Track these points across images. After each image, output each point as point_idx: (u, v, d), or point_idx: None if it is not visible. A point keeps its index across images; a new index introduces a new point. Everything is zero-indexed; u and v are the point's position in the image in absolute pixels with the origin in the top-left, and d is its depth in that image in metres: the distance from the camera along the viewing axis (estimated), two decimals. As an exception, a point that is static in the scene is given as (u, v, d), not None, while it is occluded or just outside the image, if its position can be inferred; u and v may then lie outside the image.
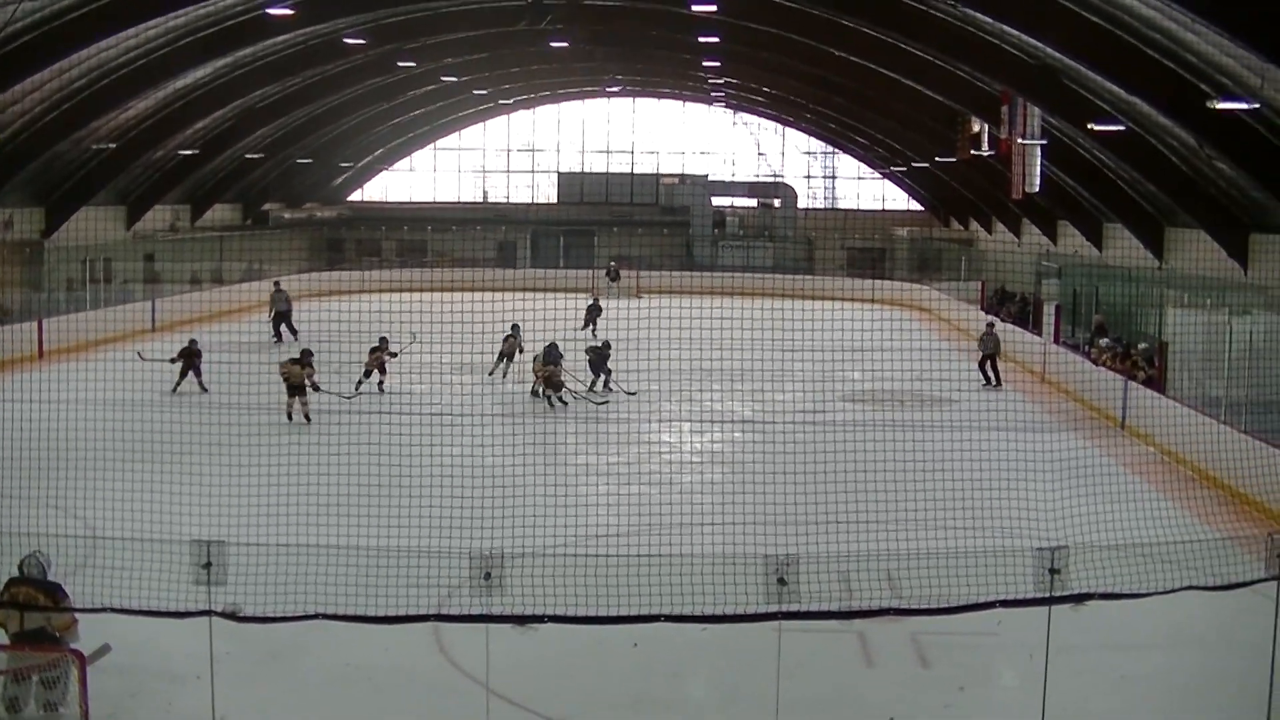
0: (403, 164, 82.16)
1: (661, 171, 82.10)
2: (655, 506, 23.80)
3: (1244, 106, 29.77)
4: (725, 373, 35.63)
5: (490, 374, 38.28)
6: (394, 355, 35.90)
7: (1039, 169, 41.48)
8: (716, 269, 69.40)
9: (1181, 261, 42.06)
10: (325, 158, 69.76)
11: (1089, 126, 38.43)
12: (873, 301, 53.57)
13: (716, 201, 79.81)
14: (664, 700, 16.23)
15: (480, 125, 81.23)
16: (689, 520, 21.64)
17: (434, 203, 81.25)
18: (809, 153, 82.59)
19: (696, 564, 11.19)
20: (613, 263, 68.78)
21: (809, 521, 17.16)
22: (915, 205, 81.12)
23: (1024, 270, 55.93)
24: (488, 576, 10.92)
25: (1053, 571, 9.94)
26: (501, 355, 38.43)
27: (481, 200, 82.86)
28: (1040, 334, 46.38)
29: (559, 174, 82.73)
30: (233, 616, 12.83)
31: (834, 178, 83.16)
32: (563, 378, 35.12)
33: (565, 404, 35.33)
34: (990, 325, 43.65)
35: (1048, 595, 9.99)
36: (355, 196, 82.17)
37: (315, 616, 12.24)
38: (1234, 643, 16.97)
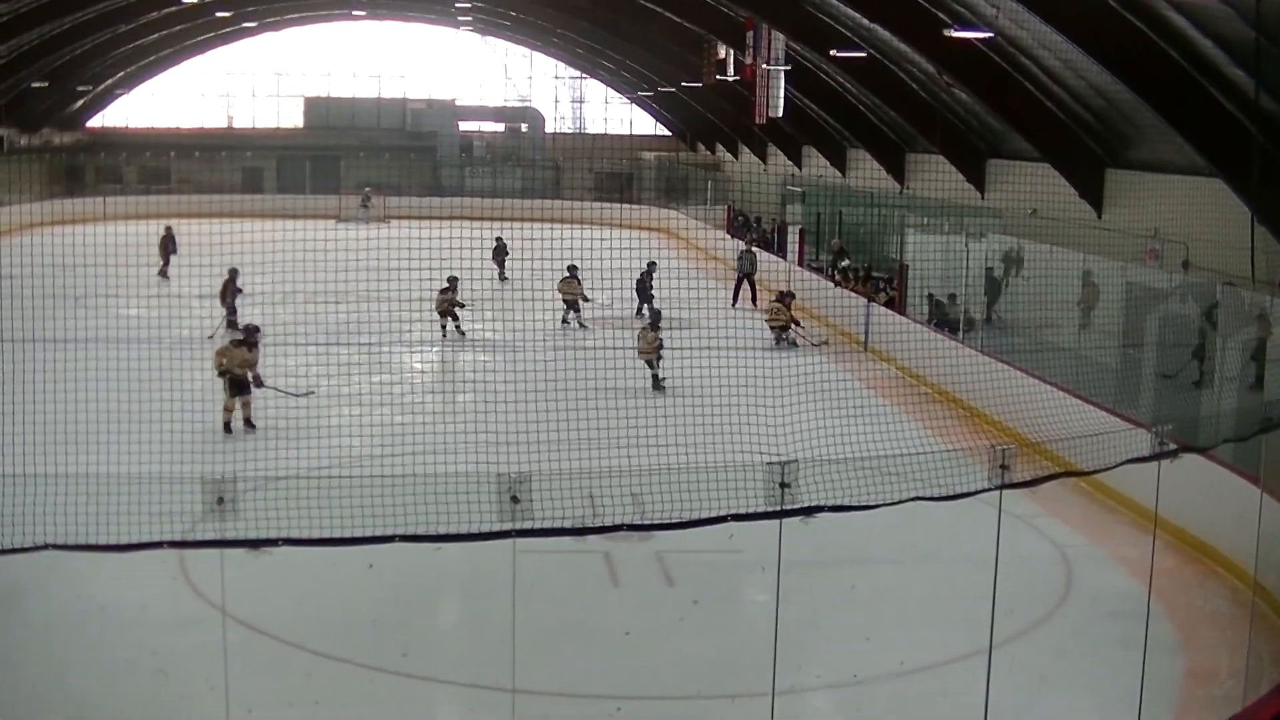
0: (144, 89, 79.78)
1: (408, 96, 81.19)
2: (399, 430, 23.68)
3: (979, 35, 30.37)
4: (474, 297, 35.47)
5: (445, 336, 35.53)
6: (462, 305, 34.75)
7: (782, 94, 41.96)
8: (464, 194, 68.88)
9: (922, 186, 42.91)
10: (62, 82, 67.29)
11: (831, 53, 38.94)
12: (619, 226, 53.68)
13: (464, 126, 79.24)
14: (400, 622, 16.27)
15: (224, 48, 79.20)
16: (434, 443, 21.58)
17: (177, 129, 79.23)
18: (557, 77, 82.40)
19: (431, 484, 11.14)
20: (367, 189, 67.90)
21: (553, 442, 17.28)
22: (662, 130, 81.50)
23: (769, 195, 56.56)
24: (221, 501, 10.71)
25: (783, 485, 10.06)
26: (444, 313, 35.47)
27: (226, 126, 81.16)
28: (785, 257, 46.97)
29: (305, 99, 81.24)
30: (-45, 552, 12.37)
31: (582, 102, 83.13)
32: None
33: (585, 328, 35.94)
34: (748, 246, 44.23)
35: (778, 509, 10.12)
36: (95, 122, 79.55)
37: (45, 547, 11.89)
38: (961, 555, 17.46)
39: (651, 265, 38.41)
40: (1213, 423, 18.23)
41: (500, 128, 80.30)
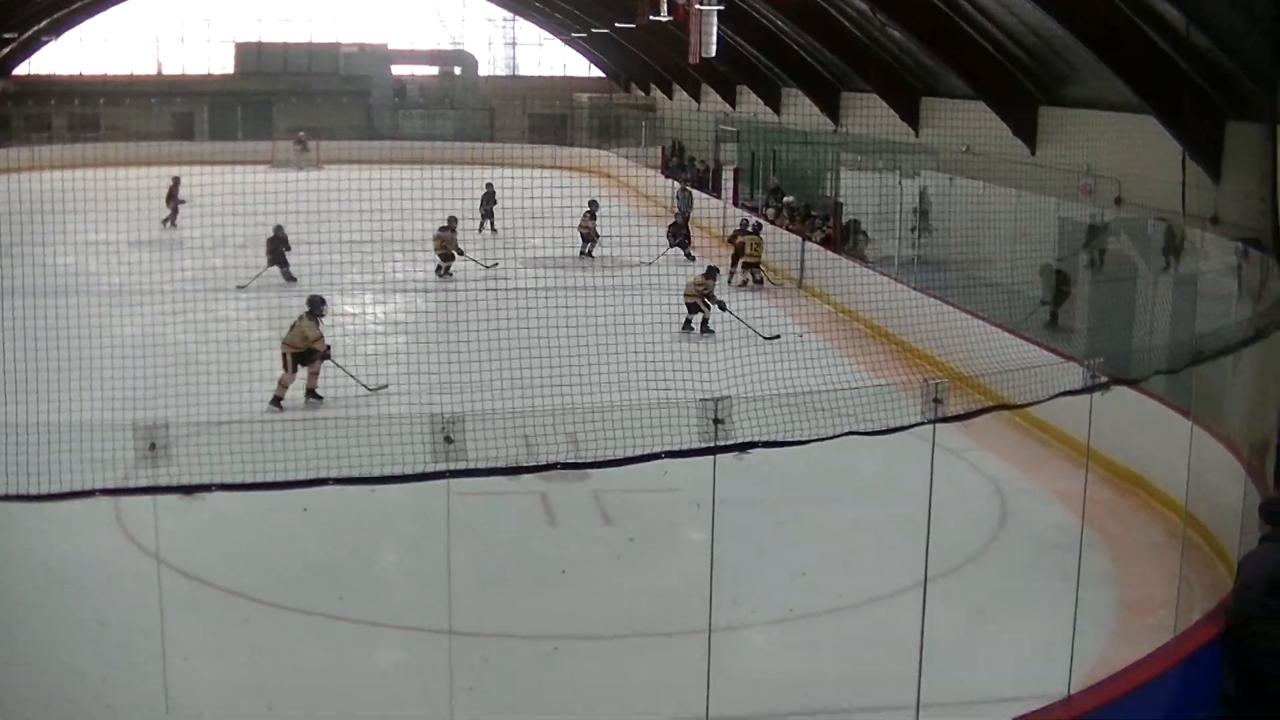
0: (71, 35, 78.51)
1: (340, 41, 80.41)
2: (335, 376, 23.57)
3: (913, -28, 30.32)
4: (407, 241, 35.32)
5: (439, 273, 36.31)
6: (461, 253, 35.89)
7: (715, 34, 41.76)
8: (398, 138, 68.57)
9: (856, 125, 42.93)
10: (-16, 30, 66.30)
11: (765, -9, 38.86)
12: (554, 168, 53.54)
13: (396, 70, 78.76)
14: (336, 566, 16.26)
15: (152, -8, 78.17)
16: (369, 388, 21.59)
17: (105, 75, 78.15)
18: (490, 20, 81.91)
19: (365, 427, 11.08)
20: (301, 133, 67.41)
21: (490, 384, 17.26)
22: (596, 72, 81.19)
23: (703, 135, 56.50)
24: (153, 447, 10.62)
25: (717, 421, 10.05)
26: (447, 254, 36.31)
27: (155, 72, 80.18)
28: (719, 197, 47.00)
29: (236, 44, 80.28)
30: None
31: (515, 45, 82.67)
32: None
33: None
34: (683, 186, 44.49)
35: (712, 445, 10.12)
36: (21, 70, 78.23)
37: (-33, 496, 11.77)
38: (896, 490, 17.53)
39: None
40: (1145, 356, 18.36)
41: (434, 71, 79.87)
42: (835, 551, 17.03)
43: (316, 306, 24.07)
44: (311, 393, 23.49)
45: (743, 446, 10.54)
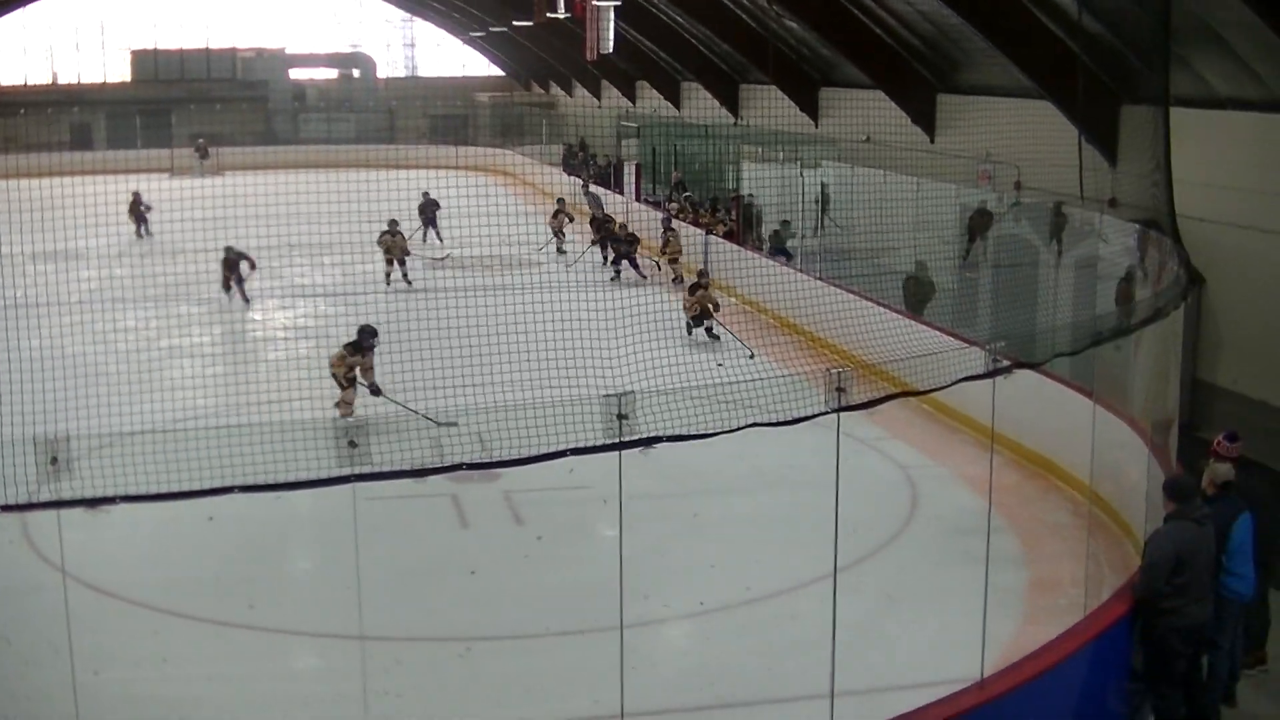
0: (-39, 47, 77.51)
1: (237, 46, 79.73)
2: (242, 384, 23.38)
3: (807, -37, 30.44)
4: (310, 246, 35.11)
5: (388, 280, 34.98)
6: (408, 254, 35.30)
7: (613, 30, 41.78)
8: (298, 142, 68.14)
9: (756, 117, 43.07)
10: (-127, 41, 65.27)
11: (661, -14, 38.92)
12: (455, 168, 53.33)
13: (295, 74, 78.26)
14: (245, 574, 16.12)
15: (45, 1, 76.97)
16: (271, 393, 21.37)
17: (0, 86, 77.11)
18: (388, 21, 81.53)
19: (269, 434, 10.96)
20: (201, 140, 66.80)
21: (394, 387, 17.18)
22: (497, 71, 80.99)
23: (604, 131, 56.52)
24: (54, 461, 10.47)
25: (620, 417, 10.02)
26: (390, 259, 35.17)
27: (50, 82, 79.16)
28: (622, 193, 46.98)
29: (132, 52, 79.44)
30: None
31: (413, 46, 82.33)
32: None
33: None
34: (586, 184, 44.50)
35: (617, 441, 10.08)
36: (-91, 82, 77.15)
37: None
38: (806, 481, 17.56)
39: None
40: (1047, 338, 18.51)
41: (332, 74, 79.50)
42: (745, 544, 17.05)
43: (365, 339, 21.78)
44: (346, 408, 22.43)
45: (647, 441, 10.51)
